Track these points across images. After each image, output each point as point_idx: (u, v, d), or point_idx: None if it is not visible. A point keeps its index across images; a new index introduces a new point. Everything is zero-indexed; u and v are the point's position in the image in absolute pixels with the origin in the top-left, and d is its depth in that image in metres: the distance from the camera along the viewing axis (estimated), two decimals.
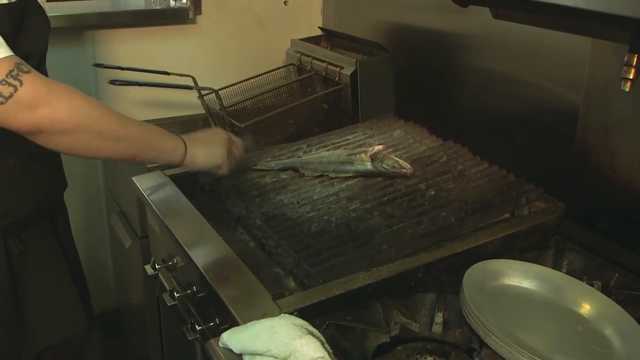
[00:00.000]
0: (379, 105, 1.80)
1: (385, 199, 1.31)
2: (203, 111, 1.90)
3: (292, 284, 1.14)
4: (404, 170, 1.37)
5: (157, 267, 1.43)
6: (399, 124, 1.66)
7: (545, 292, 1.05)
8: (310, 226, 1.23)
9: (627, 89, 0.82)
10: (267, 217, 1.27)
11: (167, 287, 1.42)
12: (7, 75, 0.98)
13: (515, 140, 1.50)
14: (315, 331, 0.91)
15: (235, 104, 1.82)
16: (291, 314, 1.00)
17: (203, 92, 1.80)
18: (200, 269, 1.14)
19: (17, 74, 0.99)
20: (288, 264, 1.14)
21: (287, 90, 1.87)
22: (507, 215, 1.32)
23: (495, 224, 1.27)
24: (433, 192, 1.33)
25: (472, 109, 1.66)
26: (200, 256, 1.17)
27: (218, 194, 1.41)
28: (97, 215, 2.18)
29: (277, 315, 0.95)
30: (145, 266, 1.47)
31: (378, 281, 1.09)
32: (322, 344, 0.87)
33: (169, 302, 1.36)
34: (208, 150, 1.29)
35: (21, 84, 0.99)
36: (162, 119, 2.01)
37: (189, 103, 1.97)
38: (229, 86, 1.87)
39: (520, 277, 1.08)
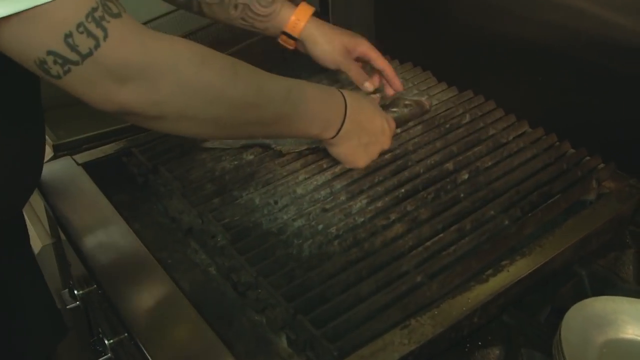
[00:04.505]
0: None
1: (403, 190, 0.91)
2: None
3: (285, 343, 0.75)
4: (425, 106, 1.06)
5: (77, 292, 1.01)
6: (393, 66, 1.23)
7: None
8: (301, 246, 0.82)
9: None
10: (234, 233, 0.85)
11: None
12: (87, 17, 0.56)
13: (557, 87, 1.10)
14: None
15: None
16: None
17: None
18: (129, 328, 0.73)
19: (103, 17, 0.57)
20: (277, 318, 0.74)
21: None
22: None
23: (552, 221, 0.89)
24: (466, 176, 0.94)
25: (483, 41, 1.22)
26: (128, 301, 0.76)
27: (155, 190, 0.97)
28: None
29: None
30: (62, 292, 1.05)
31: (423, 344, 0.70)
32: None
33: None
34: (359, 148, 0.91)
35: (106, 36, 0.58)
36: None
37: None
38: (157, 18, 1.39)
39: (636, 325, 0.71)
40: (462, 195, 0.90)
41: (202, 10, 1.02)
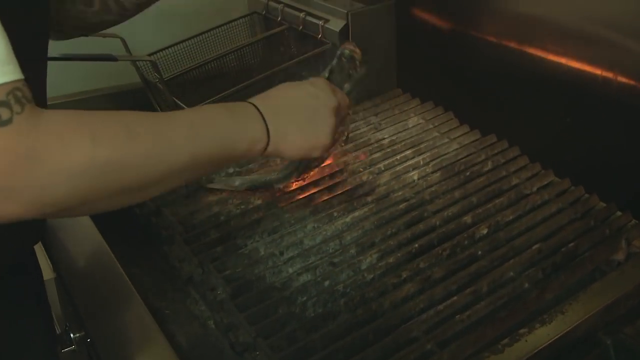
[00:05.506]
0: (377, 74, 1.32)
1: (416, 245, 0.85)
2: (138, 80, 1.38)
3: None
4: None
5: (72, 336, 0.97)
6: (413, 105, 1.20)
7: None
8: (305, 304, 0.77)
9: None
10: (235, 287, 0.80)
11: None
12: None
13: (587, 133, 1.03)
14: None
15: (180, 74, 1.32)
16: None
17: (134, 60, 1.29)
18: None
19: None
20: None
21: (251, 52, 1.37)
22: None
23: (576, 283, 0.83)
24: (485, 231, 0.88)
25: (508, 80, 1.16)
26: (116, 355, 0.72)
27: (157, 233, 0.93)
28: None
29: None
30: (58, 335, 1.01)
31: None
32: None
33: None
34: (305, 128, 0.75)
35: None
36: (82, 92, 1.47)
37: (119, 70, 1.44)
38: (169, 47, 1.36)
39: None
40: (479, 252, 0.84)
41: (123, 4, 0.92)
